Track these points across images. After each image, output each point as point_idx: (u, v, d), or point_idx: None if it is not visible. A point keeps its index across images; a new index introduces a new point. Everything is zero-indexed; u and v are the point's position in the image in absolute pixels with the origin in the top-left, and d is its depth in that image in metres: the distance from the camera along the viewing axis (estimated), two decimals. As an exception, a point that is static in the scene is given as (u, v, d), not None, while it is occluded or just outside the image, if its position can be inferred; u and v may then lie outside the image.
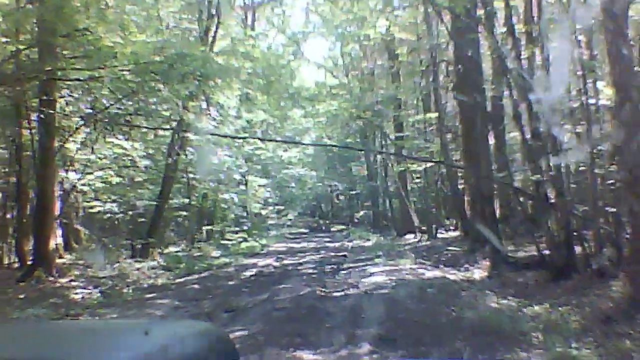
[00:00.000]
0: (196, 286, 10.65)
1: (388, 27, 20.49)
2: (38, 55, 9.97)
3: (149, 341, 1.26)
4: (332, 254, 16.49)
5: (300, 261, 14.89)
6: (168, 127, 14.77)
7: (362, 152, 37.06)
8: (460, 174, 18.40)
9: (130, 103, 15.48)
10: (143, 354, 1.19)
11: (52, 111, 10.43)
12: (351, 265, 13.15)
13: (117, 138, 19.69)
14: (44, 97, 10.47)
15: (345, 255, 15.28)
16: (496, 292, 8.61)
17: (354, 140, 38.57)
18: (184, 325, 1.68)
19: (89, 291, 10.45)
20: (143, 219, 20.23)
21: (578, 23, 8.74)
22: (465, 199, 17.15)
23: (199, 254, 19.63)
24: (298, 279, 10.92)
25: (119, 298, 9.57)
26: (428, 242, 19.84)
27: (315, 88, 27.82)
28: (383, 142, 32.22)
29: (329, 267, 12.82)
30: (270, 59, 22.12)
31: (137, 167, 19.89)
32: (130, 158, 19.67)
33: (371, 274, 11.15)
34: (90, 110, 11.81)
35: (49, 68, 9.39)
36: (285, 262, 14.79)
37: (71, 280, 11.48)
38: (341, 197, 48.96)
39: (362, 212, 38.18)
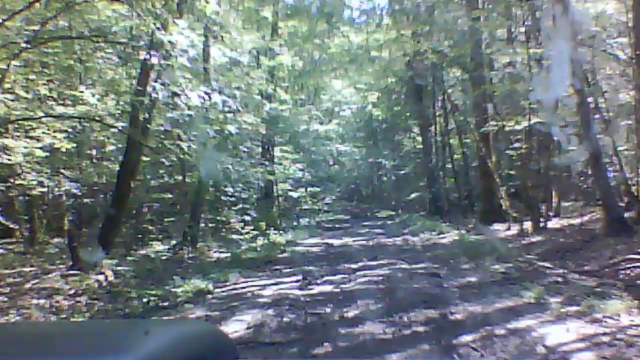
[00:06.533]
0: None
1: None
2: None
3: (148, 341, 1.17)
4: (403, 265, 9.17)
5: (351, 288, 7.48)
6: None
7: (415, 123, 29.57)
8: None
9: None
10: (143, 354, 1.10)
11: None
12: (467, 306, 5.83)
13: (77, 90, 13.12)
14: None
15: (437, 275, 7.83)
16: None
17: (404, 109, 31.26)
18: (184, 325, 1.61)
19: None
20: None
21: None
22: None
23: (192, 255, 12.82)
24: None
25: None
26: (540, 238, 12.72)
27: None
28: (447, 105, 24.72)
29: (419, 313, 5.47)
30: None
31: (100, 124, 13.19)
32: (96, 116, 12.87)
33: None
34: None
35: None
36: (320, 289, 7.51)
37: None
38: (384, 178, 41.62)
39: (413, 195, 30.55)
